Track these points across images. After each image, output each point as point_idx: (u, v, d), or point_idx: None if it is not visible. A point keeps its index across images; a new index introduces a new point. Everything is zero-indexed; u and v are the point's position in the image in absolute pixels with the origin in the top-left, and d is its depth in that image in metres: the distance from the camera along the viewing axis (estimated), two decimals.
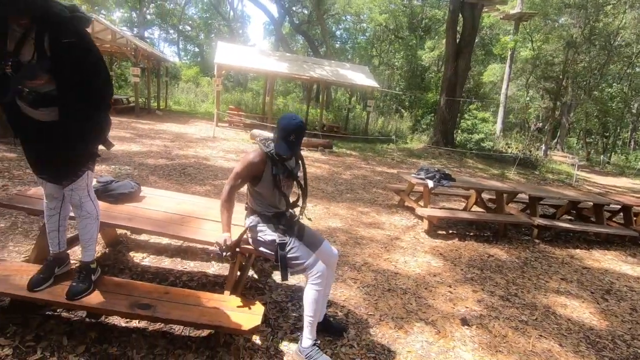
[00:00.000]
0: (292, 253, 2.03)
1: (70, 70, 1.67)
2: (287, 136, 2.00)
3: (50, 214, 2.00)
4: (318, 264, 2.03)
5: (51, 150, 1.81)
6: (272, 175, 2.05)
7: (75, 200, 1.92)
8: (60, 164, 1.85)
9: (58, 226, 2.02)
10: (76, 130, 1.78)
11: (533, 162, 13.82)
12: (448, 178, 5.02)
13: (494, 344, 2.55)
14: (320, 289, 2.02)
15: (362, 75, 15.85)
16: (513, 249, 4.54)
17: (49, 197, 1.97)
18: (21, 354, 1.89)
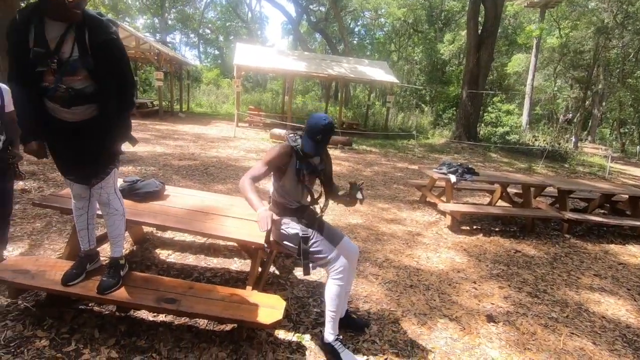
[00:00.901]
0: (314, 247, 2.04)
1: (108, 67, 1.76)
2: (314, 135, 2.02)
3: (78, 213, 2.09)
4: (340, 258, 2.03)
5: (80, 151, 1.88)
6: (295, 169, 2.07)
7: (104, 198, 2.00)
8: (89, 164, 1.92)
9: (87, 225, 2.11)
10: (107, 128, 1.86)
11: (562, 155, 13.26)
12: (471, 172, 4.89)
13: (522, 341, 2.46)
14: (342, 283, 2.02)
15: (381, 71, 15.67)
16: (542, 245, 4.38)
17: (77, 197, 2.05)
18: (57, 345, 1.98)
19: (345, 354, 2.03)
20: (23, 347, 1.95)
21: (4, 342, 1.96)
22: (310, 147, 2.02)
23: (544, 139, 14.59)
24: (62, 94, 1.73)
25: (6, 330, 2.05)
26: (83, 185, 2.00)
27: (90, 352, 1.96)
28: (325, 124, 2.01)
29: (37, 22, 1.68)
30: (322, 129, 2.00)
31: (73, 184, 1.99)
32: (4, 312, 2.19)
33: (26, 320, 2.13)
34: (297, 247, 2.06)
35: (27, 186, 4.43)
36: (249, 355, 2.05)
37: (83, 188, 2.00)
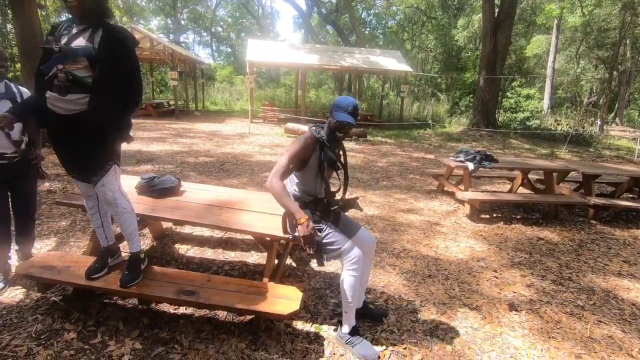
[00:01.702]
0: (327, 239, 2.02)
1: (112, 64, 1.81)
2: (347, 107, 2.01)
3: (91, 212, 2.16)
4: (354, 249, 2.00)
5: (75, 147, 1.92)
6: (319, 160, 2.05)
7: (109, 197, 1.99)
8: (85, 160, 1.94)
9: (101, 223, 2.17)
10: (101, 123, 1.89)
11: (587, 139, 12.76)
12: (490, 159, 4.76)
13: (547, 329, 2.40)
14: (356, 274, 2.00)
15: (394, 60, 15.41)
16: (566, 231, 4.23)
17: (85, 195, 2.11)
18: (84, 337, 2.06)
19: (361, 346, 2.02)
20: (53, 339, 2.03)
21: (35, 335, 2.05)
22: (345, 117, 1.98)
23: (567, 123, 14.06)
24: (61, 79, 1.79)
25: (37, 323, 2.14)
26: (89, 185, 2.05)
27: (116, 343, 2.03)
28: (352, 100, 2.05)
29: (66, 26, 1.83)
30: (352, 102, 2.03)
31: (78, 182, 2.07)
32: (34, 306, 2.29)
33: (55, 314, 2.22)
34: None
35: (52, 187, 4.60)
36: (267, 345, 2.08)
37: (89, 186, 2.05)
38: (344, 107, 2.01)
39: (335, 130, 2.05)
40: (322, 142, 2.04)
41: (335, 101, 2.08)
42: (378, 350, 2.06)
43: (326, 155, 2.05)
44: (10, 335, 2.04)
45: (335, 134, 2.06)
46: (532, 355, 2.14)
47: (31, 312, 2.24)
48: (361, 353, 2.00)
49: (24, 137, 2.46)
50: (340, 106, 2.02)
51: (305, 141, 2.02)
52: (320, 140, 2.04)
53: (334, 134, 2.06)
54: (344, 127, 2.03)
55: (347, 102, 2.03)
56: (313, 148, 2.04)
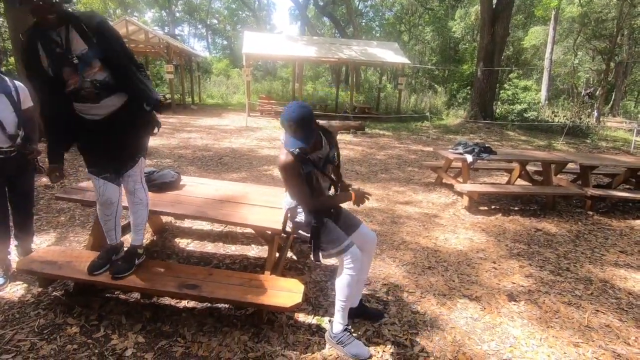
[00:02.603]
0: (325, 236, 1.99)
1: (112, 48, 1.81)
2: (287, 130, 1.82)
3: (106, 219, 2.14)
4: (352, 248, 1.97)
5: (113, 145, 1.96)
6: (304, 174, 1.91)
7: (130, 186, 2.06)
8: (121, 155, 2.00)
9: (114, 226, 2.17)
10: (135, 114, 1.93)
11: (584, 131, 12.78)
12: (488, 151, 4.77)
13: (545, 319, 2.43)
14: (353, 274, 1.96)
15: (391, 52, 15.33)
16: (563, 222, 4.27)
17: (106, 203, 2.06)
18: (87, 332, 2.07)
19: (352, 346, 1.99)
20: (55, 333, 2.04)
21: (37, 330, 2.06)
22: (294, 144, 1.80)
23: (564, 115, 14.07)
24: (88, 89, 1.81)
25: (39, 318, 2.15)
26: (116, 188, 2.05)
27: (119, 337, 2.04)
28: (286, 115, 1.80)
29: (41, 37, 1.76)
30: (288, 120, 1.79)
31: (106, 188, 2.02)
32: (36, 301, 2.29)
33: (57, 309, 2.22)
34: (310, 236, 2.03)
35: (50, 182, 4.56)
36: (270, 337, 2.09)
37: (115, 191, 2.05)
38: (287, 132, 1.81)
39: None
40: (299, 157, 1.88)
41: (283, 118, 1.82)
42: (370, 350, 2.01)
43: (308, 165, 1.92)
44: (13, 330, 2.04)
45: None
46: (531, 345, 2.17)
47: (33, 307, 2.24)
48: (352, 353, 1.97)
49: (19, 132, 2.43)
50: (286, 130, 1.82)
51: (284, 163, 1.86)
52: (295, 154, 1.87)
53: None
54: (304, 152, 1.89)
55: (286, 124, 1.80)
56: (296, 163, 1.88)
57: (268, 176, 5.56)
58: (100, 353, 1.92)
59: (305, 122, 1.79)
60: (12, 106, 2.40)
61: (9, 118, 2.36)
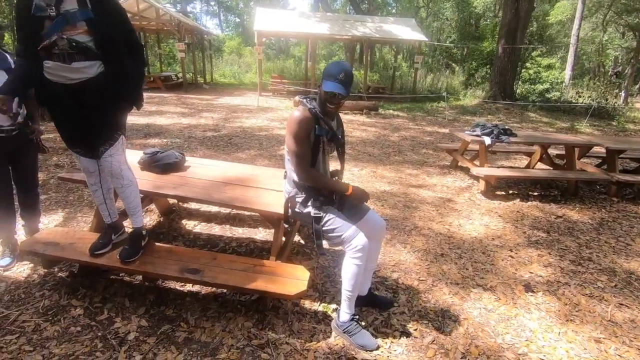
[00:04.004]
0: (328, 225, 1.88)
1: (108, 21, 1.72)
2: (337, 74, 1.78)
3: (93, 189, 2.08)
4: (358, 236, 1.85)
5: (84, 116, 1.84)
6: (315, 136, 1.85)
7: (116, 168, 1.93)
8: (94, 131, 1.87)
9: (104, 199, 2.10)
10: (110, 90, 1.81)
11: (610, 112, 12.17)
12: (508, 133, 4.53)
13: (564, 312, 2.30)
14: (360, 263, 1.85)
15: (408, 29, 14.71)
16: (586, 209, 4.05)
17: (86, 172, 2.01)
18: (91, 314, 2.05)
19: (359, 336, 1.91)
20: (59, 315, 2.02)
21: (42, 311, 2.05)
22: (334, 86, 1.77)
23: (589, 95, 13.39)
24: (63, 47, 1.69)
25: (44, 299, 2.14)
26: (90, 159, 1.97)
27: (122, 320, 2.01)
28: (344, 64, 1.85)
29: None
30: (343, 67, 1.81)
31: (80, 157, 1.96)
32: (41, 282, 2.29)
33: (62, 290, 2.21)
34: (311, 226, 1.92)
35: (60, 161, 4.58)
36: (274, 324, 2.03)
37: (90, 162, 1.97)
38: (334, 75, 1.79)
39: (325, 102, 1.84)
40: (315, 114, 1.84)
41: (325, 68, 1.86)
42: (377, 341, 1.93)
43: (322, 129, 1.86)
44: (18, 311, 2.04)
45: (326, 107, 1.85)
46: (548, 339, 2.06)
47: (38, 287, 2.23)
48: (359, 343, 1.90)
49: (20, 110, 2.37)
50: (330, 74, 1.80)
51: (299, 118, 1.81)
52: (312, 112, 1.84)
53: (324, 107, 1.86)
54: (334, 97, 1.81)
55: (337, 69, 1.80)
56: (310, 121, 1.83)
57: (278, 157, 5.45)
58: (103, 336, 1.90)
59: (351, 76, 1.82)
60: None
61: None
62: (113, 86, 1.80)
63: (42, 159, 4.41)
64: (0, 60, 2.30)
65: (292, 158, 1.86)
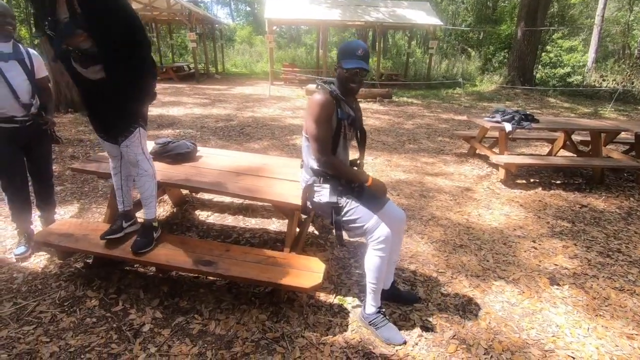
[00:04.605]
0: (349, 216, 1.81)
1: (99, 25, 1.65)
2: (355, 51, 1.74)
3: (113, 172, 2.14)
4: (380, 227, 1.77)
5: (104, 108, 1.91)
6: (337, 119, 1.78)
7: (132, 157, 1.97)
8: (111, 121, 1.93)
9: (121, 185, 2.13)
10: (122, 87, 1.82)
11: (636, 96, 11.62)
12: (530, 119, 4.34)
13: (593, 306, 2.18)
14: (383, 255, 1.78)
15: (423, 13, 14.27)
16: (612, 198, 3.87)
17: (110, 155, 2.10)
18: (106, 305, 2.04)
19: (386, 329, 1.86)
20: (75, 306, 2.03)
21: (58, 302, 2.05)
22: (356, 63, 1.73)
23: (613, 79, 12.80)
24: (75, 56, 1.73)
25: (60, 290, 2.14)
26: (113, 145, 2.02)
27: (137, 312, 2.00)
28: (359, 41, 1.81)
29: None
30: (360, 45, 1.77)
31: (104, 142, 2.04)
32: (58, 273, 2.30)
33: (77, 281, 2.21)
34: (330, 217, 1.84)
35: (75, 153, 4.62)
36: (289, 317, 1.99)
37: (113, 147, 2.03)
38: (353, 52, 1.74)
39: (347, 82, 1.77)
40: (337, 97, 1.78)
41: (340, 48, 1.80)
42: (404, 336, 1.87)
43: (343, 113, 1.79)
44: (35, 302, 2.05)
45: (348, 86, 1.78)
46: (576, 335, 1.96)
47: (55, 278, 2.24)
48: (385, 336, 1.85)
49: (33, 101, 2.36)
50: (348, 51, 1.76)
51: (322, 100, 1.74)
52: (333, 95, 1.77)
53: (346, 86, 1.79)
54: (355, 75, 1.75)
55: (354, 45, 1.76)
56: (332, 104, 1.77)
57: (291, 147, 5.38)
58: (118, 327, 1.89)
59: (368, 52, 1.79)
60: (26, 74, 2.31)
61: (22, 86, 2.28)
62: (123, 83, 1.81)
63: (57, 150, 4.46)
64: (14, 52, 2.28)
65: (312, 143, 1.78)
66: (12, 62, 2.27)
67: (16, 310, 1.99)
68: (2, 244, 2.58)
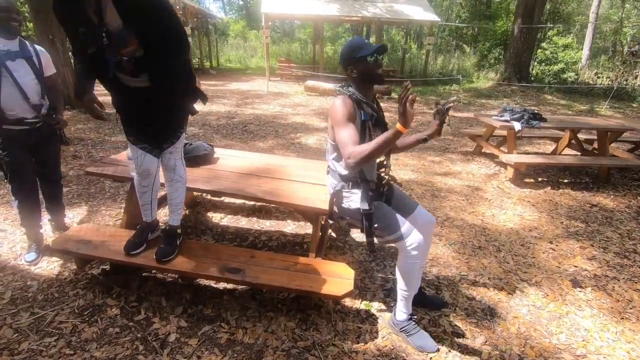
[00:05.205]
0: (380, 221, 1.75)
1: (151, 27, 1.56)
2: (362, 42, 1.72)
3: (143, 191, 1.98)
4: (413, 233, 1.72)
5: (154, 116, 1.81)
6: (361, 121, 1.72)
7: (171, 163, 1.92)
8: (162, 128, 1.85)
9: (151, 200, 2.02)
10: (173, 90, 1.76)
11: (630, 93, 11.77)
12: (538, 118, 4.34)
13: (618, 309, 2.19)
14: (416, 261, 1.74)
15: (420, 9, 14.21)
16: (620, 197, 3.90)
17: (144, 174, 1.91)
18: (127, 314, 1.98)
19: (418, 336, 1.83)
20: (96, 315, 1.96)
21: (78, 311, 1.98)
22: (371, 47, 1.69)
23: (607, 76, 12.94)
24: (126, 65, 1.62)
25: (78, 298, 2.07)
26: (154, 159, 1.89)
27: (160, 320, 1.94)
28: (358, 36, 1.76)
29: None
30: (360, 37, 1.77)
31: (144, 158, 1.86)
32: (74, 280, 2.22)
33: (95, 289, 2.14)
34: (361, 223, 1.79)
35: (77, 152, 4.49)
36: (318, 325, 1.95)
37: (153, 162, 1.89)
38: (362, 42, 1.72)
39: (375, 70, 1.71)
40: (357, 100, 1.73)
41: (345, 48, 1.74)
42: (436, 344, 1.83)
43: (366, 114, 1.74)
44: (54, 311, 1.97)
45: (376, 74, 1.73)
46: (606, 339, 1.96)
47: (71, 286, 2.17)
48: (417, 344, 1.82)
49: (43, 101, 2.26)
50: (357, 45, 1.71)
51: (344, 100, 1.70)
52: (353, 98, 1.72)
53: (369, 81, 1.75)
54: (376, 61, 1.70)
55: (359, 39, 1.76)
56: (354, 107, 1.71)
57: (296, 145, 5.32)
58: (143, 337, 1.83)
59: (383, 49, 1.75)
60: (34, 72, 2.21)
61: (30, 85, 2.18)
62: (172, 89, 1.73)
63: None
64: (21, 49, 2.18)
65: (341, 149, 1.70)
66: (19, 61, 2.17)
67: (35, 320, 1.91)
68: (12, 250, 2.49)
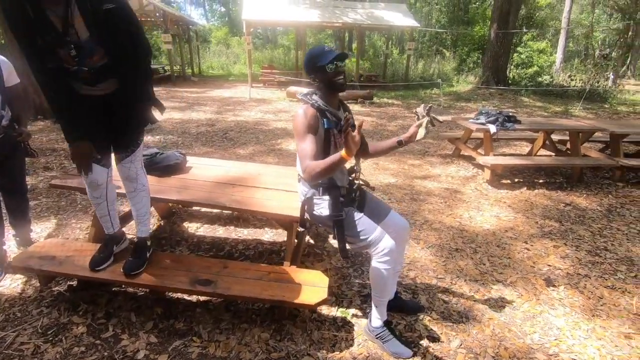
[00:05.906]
0: (351, 228, 1.75)
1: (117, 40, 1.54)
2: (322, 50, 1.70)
3: (97, 202, 1.93)
4: (384, 238, 1.72)
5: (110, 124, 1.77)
6: (324, 129, 1.70)
7: (132, 172, 1.87)
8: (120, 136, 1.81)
9: (108, 211, 1.96)
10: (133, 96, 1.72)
11: (601, 95, 12.21)
12: (512, 120, 4.44)
13: (589, 306, 2.23)
14: (388, 267, 1.73)
15: (400, 14, 14.46)
16: (592, 196, 4.01)
17: (93, 185, 1.86)
18: (94, 331, 1.90)
19: (392, 343, 1.82)
20: (61, 334, 1.87)
21: (41, 330, 1.89)
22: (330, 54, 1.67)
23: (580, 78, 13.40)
24: (84, 75, 1.59)
25: (42, 317, 1.98)
26: (103, 170, 1.84)
27: (129, 337, 1.87)
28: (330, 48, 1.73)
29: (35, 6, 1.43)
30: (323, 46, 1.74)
31: (95, 167, 1.81)
32: (38, 298, 2.12)
33: (61, 306, 2.05)
34: (333, 230, 1.77)
35: (49, 164, 4.35)
36: (293, 334, 1.92)
37: (102, 174, 1.84)
38: (321, 51, 1.70)
39: (334, 78, 1.69)
40: (319, 108, 1.70)
41: (306, 57, 1.74)
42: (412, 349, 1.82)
43: (330, 122, 1.71)
44: (15, 332, 1.88)
45: (336, 82, 1.70)
46: (577, 337, 1.99)
47: (35, 304, 2.07)
48: (392, 350, 1.80)
49: (3, 112, 2.17)
50: (317, 54, 1.70)
51: (305, 111, 1.68)
52: (315, 107, 1.69)
53: (331, 89, 1.73)
54: (337, 66, 1.68)
55: (319, 47, 1.74)
56: (316, 117, 1.69)
57: (277, 151, 5.29)
58: (110, 356, 1.76)
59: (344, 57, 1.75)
60: None
61: None
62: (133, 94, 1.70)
63: (29, 161, 4.18)
64: None
65: (300, 160, 1.69)
66: None
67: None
68: None
